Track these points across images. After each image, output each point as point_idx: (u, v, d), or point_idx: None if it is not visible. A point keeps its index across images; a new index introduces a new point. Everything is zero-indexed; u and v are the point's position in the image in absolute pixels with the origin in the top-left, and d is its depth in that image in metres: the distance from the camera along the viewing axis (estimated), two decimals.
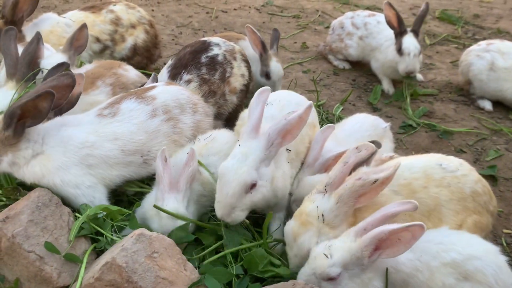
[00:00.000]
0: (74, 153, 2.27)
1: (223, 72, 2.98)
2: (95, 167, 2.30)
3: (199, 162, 2.37)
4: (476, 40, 5.76)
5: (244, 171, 2.04)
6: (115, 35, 3.82)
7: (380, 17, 4.39)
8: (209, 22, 5.71)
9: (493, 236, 2.61)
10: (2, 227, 1.97)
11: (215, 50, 3.01)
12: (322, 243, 1.87)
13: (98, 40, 3.72)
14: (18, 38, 2.89)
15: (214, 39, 3.15)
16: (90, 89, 2.88)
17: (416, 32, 3.98)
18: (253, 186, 2.07)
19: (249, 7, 6.42)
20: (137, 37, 3.88)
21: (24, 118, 2.18)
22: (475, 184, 2.20)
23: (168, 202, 2.16)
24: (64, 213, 2.13)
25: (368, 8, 6.70)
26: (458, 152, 3.51)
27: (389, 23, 3.96)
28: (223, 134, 2.58)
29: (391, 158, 2.46)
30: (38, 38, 2.80)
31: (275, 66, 3.62)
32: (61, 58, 2.92)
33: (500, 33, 6.09)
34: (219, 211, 2.08)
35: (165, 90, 2.59)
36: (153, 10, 5.89)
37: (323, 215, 1.97)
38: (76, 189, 2.26)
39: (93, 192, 2.29)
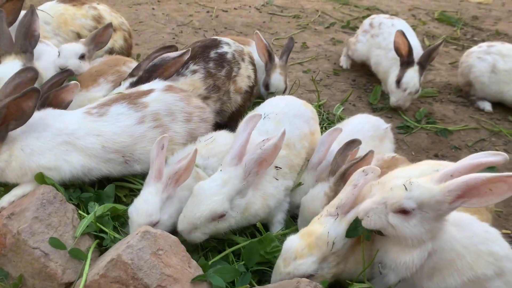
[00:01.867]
0: (49, 139, 2.26)
1: (230, 71, 3.00)
2: (71, 153, 2.29)
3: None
4: (475, 42, 5.81)
5: (218, 200, 2.05)
6: None
7: (397, 21, 4.40)
8: (209, 21, 5.72)
9: None
10: (8, 223, 1.98)
11: (225, 48, 3.04)
12: (402, 179, 1.81)
13: (78, 35, 3.63)
14: None
15: (225, 38, 3.17)
16: (91, 86, 2.93)
17: (422, 66, 3.85)
18: (221, 216, 2.09)
19: (249, 6, 6.43)
20: (116, 41, 3.78)
21: (7, 120, 2.16)
22: None
23: (147, 187, 2.18)
24: (68, 210, 2.14)
25: (367, 9, 6.76)
26: (457, 151, 3.53)
27: (397, 50, 3.83)
28: (223, 135, 2.59)
29: (393, 158, 2.48)
30: (32, 10, 2.84)
31: (276, 79, 3.55)
32: (79, 48, 3.05)
33: (498, 35, 6.14)
34: (181, 225, 2.10)
35: (160, 99, 2.53)
36: (153, 9, 5.90)
37: (333, 243, 1.92)
38: (52, 171, 2.25)
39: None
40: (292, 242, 1.96)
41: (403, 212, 1.74)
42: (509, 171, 3.31)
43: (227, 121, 3.12)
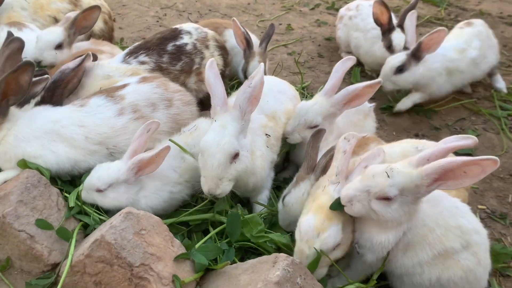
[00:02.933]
0: (37, 127, 2.30)
1: (190, 63, 2.90)
2: (59, 143, 2.32)
3: (181, 147, 2.42)
4: (459, 22, 5.85)
5: (226, 142, 2.09)
6: None
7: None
8: (193, 3, 5.69)
9: None
10: None
11: (185, 39, 2.93)
12: (381, 165, 1.88)
13: (56, 20, 3.58)
14: None
15: (187, 26, 3.04)
16: None
17: (402, 27, 3.86)
18: (236, 155, 2.13)
19: None
20: (95, 25, 3.66)
21: (6, 96, 2.21)
22: None
23: (117, 161, 2.27)
24: (53, 193, 2.18)
25: None
26: (437, 131, 3.61)
27: (376, 20, 3.86)
28: (205, 122, 2.60)
29: (364, 137, 2.53)
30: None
31: (254, 67, 3.48)
32: (57, 36, 2.96)
33: (482, 15, 6.17)
34: (206, 185, 2.11)
35: (135, 90, 2.53)
36: None
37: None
38: (37, 159, 2.28)
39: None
40: (309, 221, 1.95)
41: (386, 198, 1.81)
42: (487, 149, 3.42)
43: (200, 108, 3.03)
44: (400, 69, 3.49)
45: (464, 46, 3.70)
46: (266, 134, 2.46)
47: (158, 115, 2.52)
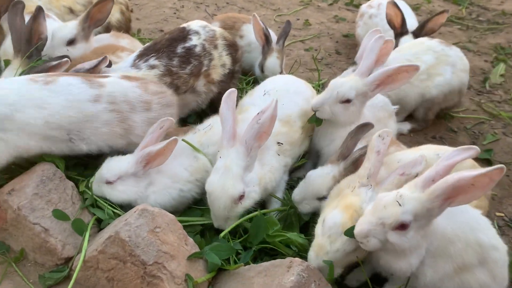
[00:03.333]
0: None
1: (199, 66, 2.82)
2: (10, 132, 2.10)
3: (193, 147, 2.41)
4: (480, 22, 5.74)
5: (230, 186, 2.08)
6: (90, 7, 3.62)
7: (396, 1, 4.32)
8: None
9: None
10: (8, 199, 2.02)
11: (194, 40, 2.84)
12: (390, 193, 1.82)
13: (71, 11, 3.56)
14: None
15: (195, 25, 2.94)
16: None
17: (416, 35, 3.70)
18: (241, 196, 2.12)
19: None
20: (112, 15, 3.66)
21: None
22: None
23: (128, 155, 2.27)
24: (67, 187, 2.18)
25: None
26: (455, 134, 3.54)
27: (389, 22, 3.76)
28: (219, 123, 2.58)
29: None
30: (37, 13, 2.69)
31: (271, 63, 3.48)
32: (68, 32, 2.92)
33: (504, 15, 6.04)
34: (215, 222, 2.18)
35: (116, 82, 2.39)
36: None
37: None
38: None
39: None
40: (335, 218, 1.93)
41: (401, 227, 1.76)
42: (506, 154, 3.35)
43: (210, 107, 3.03)
44: None
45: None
46: (278, 143, 2.42)
47: (136, 117, 2.39)
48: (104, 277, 1.94)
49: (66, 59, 2.62)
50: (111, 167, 2.22)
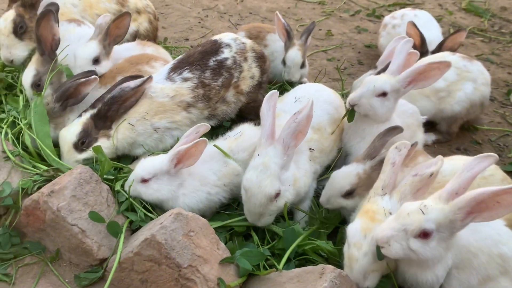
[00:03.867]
0: None
1: (230, 78, 2.89)
2: None
3: (224, 152, 2.47)
4: (503, 34, 5.73)
5: (267, 184, 2.14)
6: None
7: (420, 12, 4.35)
8: (234, 6, 5.73)
9: None
10: (48, 200, 2.09)
11: (226, 53, 2.91)
12: (414, 203, 1.85)
13: None
14: (34, 20, 2.91)
15: (226, 38, 3.02)
16: (109, 83, 2.86)
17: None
18: (277, 194, 2.18)
19: None
20: (141, 24, 3.76)
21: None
22: (501, 182, 2.27)
23: (162, 155, 2.39)
24: (103, 189, 2.25)
25: None
26: (480, 146, 3.54)
27: None
28: (250, 128, 2.66)
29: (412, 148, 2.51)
30: (43, 16, 2.72)
31: (291, 53, 3.55)
32: (93, 51, 2.94)
33: None
34: (249, 217, 2.26)
35: None
36: None
37: (390, 213, 1.99)
38: None
39: None
40: (355, 226, 1.98)
41: (424, 235, 1.78)
42: None
43: (238, 117, 3.09)
44: None
45: None
46: (310, 149, 2.48)
47: None
48: (138, 278, 1.99)
49: (94, 76, 2.71)
50: (146, 166, 2.30)
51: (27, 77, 2.78)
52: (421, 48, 3.74)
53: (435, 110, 3.35)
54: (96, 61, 2.96)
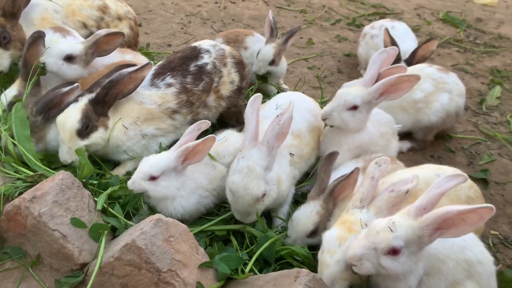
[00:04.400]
0: None
1: (210, 83, 2.96)
2: None
3: (211, 156, 2.54)
4: (477, 45, 5.93)
5: (254, 187, 2.22)
6: (101, 23, 3.72)
7: (398, 24, 4.49)
8: (217, 12, 5.80)
9: (481, 237, 2.77)
10: (29, 206, 2.11)
11: (205, 59, 2.98)
12: (383, 220, 1.92)
13: (84, 25, 3.65)
14: (16, 29, 3.02)
15: (205, 44, 3.09)
16: None
17: (409, 63, 3.76)
18: (263, 195, 2.26)
19: None
20: (122, 30, 3.72)
21: None
22: (469, 190, 2.38)
23: (164, 152, 2.44)
24: (85, 195, 2.28)
25: (373, 6, 6.84)
26: (453, 154, 3.67)
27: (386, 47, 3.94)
28: (233, 134, 2.75)
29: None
30: (33, 40, 2.78)
31: (265, 48, 3.69)
32: (69, 48, 2.93)
33: (500, 39, 6.24)
34: (237, 216, 2.35)
35: None
36: None
37: (366, 225, 2.07)
38: None
39: None
40: (332, 233, 2.08)
41: (393, 252, 1.86)
42: (501, 174, 3.47)
43: (218, 122, 3.18)
44: None
45: None
46: (291, 154, 2.57)
47: None
48: (119, 283, 2.03)
49: (76, 84, 2.74)
50: (154, 163, 2.33)
51: (8, 97, 2.80)
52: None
53: (413, 121, 3.48)
54: (68, 59, 2.91)
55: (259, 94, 2.41)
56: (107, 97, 2.58)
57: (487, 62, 5.45)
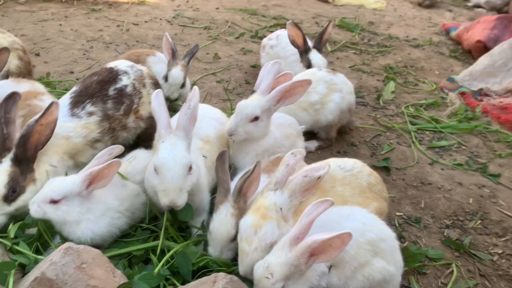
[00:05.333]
0: None
1: (130, 105, 2.91)
2: None
3: (121, 175, 2.51)
4: (371, 46, 6.42)
5: (182, 156, 2.27)
6: None
7: None
8: (120, 35, 5.74)
9: (388, 219, 3.01)
10: None
11: (124, 81, 2.91)
12: (260, 264, 1.99)
13: None
14: None
15: (122, 65, 3.01)
16: None
17: (319, 49, 4.27)
18: (190, 168, 2.30)
19: (160, 19, 6.54)
20: (10, 62, 3.58)
21: None
22: (369, 177, 2.58)
23: (72, 175, 2.35)
24: None
25: (274, 18, 7.16)
26: (356, 147, 3.94)
27: (293, 42, 4.21)
28: (141, 152, 2.75)
29: (277, 158, 2.74)
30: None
31: (174, 72, 3.76)
32: None
33: (391, 39, 6.81)
34: (169, 195, 2.23)
35: None
36: (60, 25, 5.80)
37: (281, 209, 2.20)
38: None
39: None
40: (246, 221, 2.16)
41: None
42: (401, 161, 3.76)
43: (137, 142, 3.11)
44: None
45: None
46: (204, 156, 2.64)
47: None
48: None
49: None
50: (56, 186, 2.25)
51: None
52: (304, 46, 4.22)
53: (313, 121, 3.70)
54: None
55: (159, 90, 2.50)
56: (27, 153, 2.39)
57: (381, 60, 5.92)
